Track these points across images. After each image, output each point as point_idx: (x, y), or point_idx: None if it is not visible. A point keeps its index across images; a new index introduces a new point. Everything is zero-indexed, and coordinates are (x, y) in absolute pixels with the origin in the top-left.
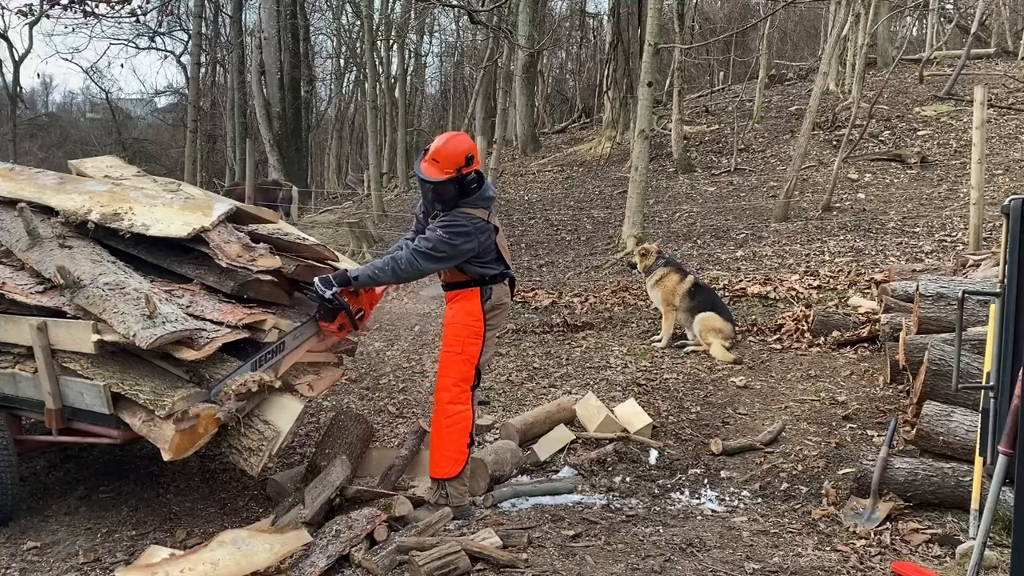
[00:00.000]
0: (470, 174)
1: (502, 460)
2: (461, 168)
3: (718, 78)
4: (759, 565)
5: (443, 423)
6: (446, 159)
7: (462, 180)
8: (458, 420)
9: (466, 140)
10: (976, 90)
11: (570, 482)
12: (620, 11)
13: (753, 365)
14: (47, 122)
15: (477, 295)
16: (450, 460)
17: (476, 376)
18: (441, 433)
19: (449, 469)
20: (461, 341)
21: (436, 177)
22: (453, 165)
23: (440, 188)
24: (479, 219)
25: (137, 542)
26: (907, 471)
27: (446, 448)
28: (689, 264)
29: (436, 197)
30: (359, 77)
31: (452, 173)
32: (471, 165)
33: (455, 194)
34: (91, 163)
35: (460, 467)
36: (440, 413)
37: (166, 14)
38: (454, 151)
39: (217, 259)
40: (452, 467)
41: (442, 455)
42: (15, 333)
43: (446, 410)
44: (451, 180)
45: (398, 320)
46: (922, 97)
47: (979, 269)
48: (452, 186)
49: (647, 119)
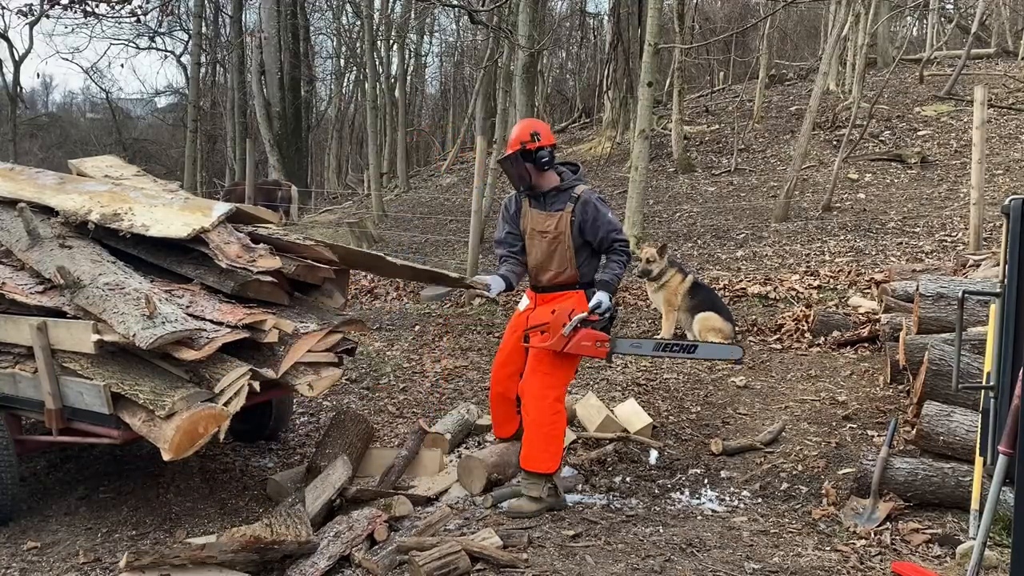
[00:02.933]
0: (540, 150)
1: (505, 462)
2: (525, 143)
3: (718, 78)
4: (759, 565)
5: (548, 419)
6: (512, 140)
7: (531, 155)
8: (561, 418)
9: (532, 122)
10: (976, 90)
11: (570, 482)
12: (620, 11)
13: (753, 365)
14: (47, 122)
15: (584, 297)
16: (554, 456)
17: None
18: (548, 428)
19: (552, 464)
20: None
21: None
22: (518, 141)
23: (507, 165)
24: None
25: (137, 542)
26: (907, 471)
27: (551, 444)
28: (689, 264)
29: (512, 175)
30: (359, 77)
31: (516, 148)
32: (536, 141)
33: (528, 172)
34: (91, 163)
35: (559, 461)
36: (547, 409)
37: (166, 14)
38: (518, 131)
39: (217, 259)
40: (554, 462)
41: (547, 451)
42: (15, 333)
43: (554, 407)
44: (516, 154)
45: (398, 320)
46: (922, 97)
47: (979, 269)
48: (520, 162)
49: (647, 119)
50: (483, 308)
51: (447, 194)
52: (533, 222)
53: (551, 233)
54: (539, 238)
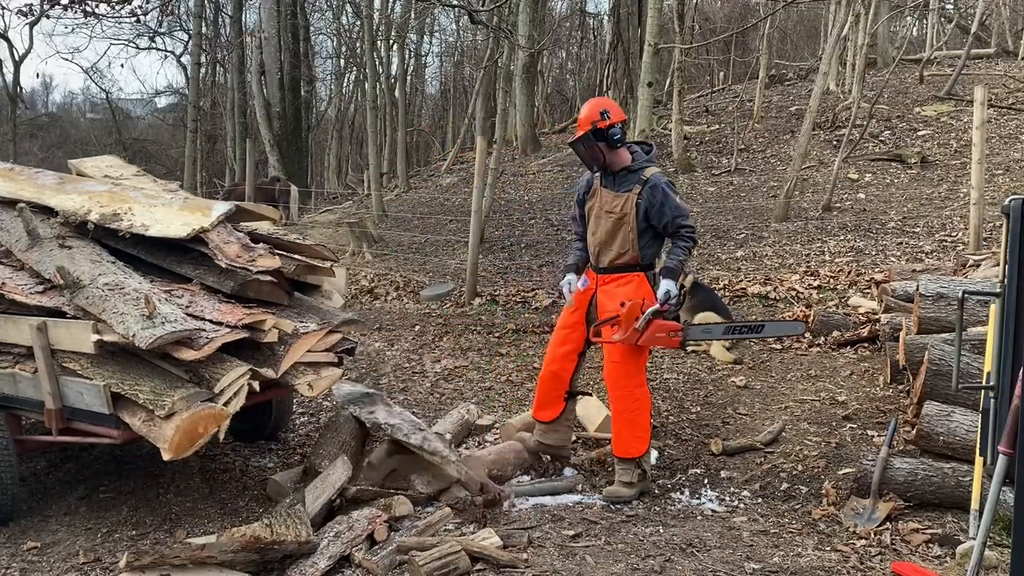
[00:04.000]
0: (611, 128)
1: (504, 460)
2: (596, 122)
3: (718, 78)
4: (759, 565)
5: (632, 406)
6: (581, 121)
7: (602, 134)
8: (645, 402)
9: (599, 100)
10: (976, 90)
11: (570, 482)
12: (620, 11)
13: (753, 365)
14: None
15: (645, 279)
16: (642, 439)
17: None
18: (633, 414)
19: (641, 447)
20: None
21: (575, 137)
22: (588, 121)
23: (580, 146)
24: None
25: (137, 542)
26: (907, 471)
27: (637, 428)
28: (689, 264)
29: (584, 156)
30: (359, 77)
31: (587, 128)
32: (607, 119)
33: (601, 151)
34: (91, 163)
35: (647, 444)
36: (628, 396)
37: (166, 14)
38: (587, 111)
39: (216, 259)
40: (643, 444)
41: (634, 435)
42: (15, 333)
43: (635, 393)
44: (588, 134)
45: (398, 320)
46: (922, 97)
47: (979, 269)
48: (592, 142)
49: (647, 119)
50: (483, 308)
51: (447, 194)
52: (602, 201)
53: (616, 214)
54: (605, 218)
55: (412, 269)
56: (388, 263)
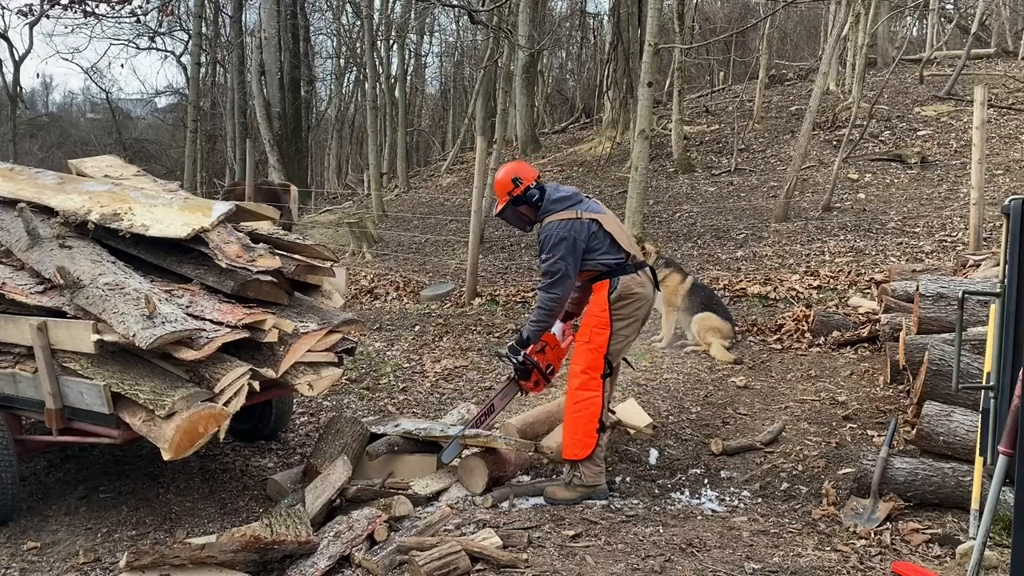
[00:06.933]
0: (526, 190)
1: (505, 461)
2: (511, 192)
3: (718, 78)
4: (759, 565)
5: (572, 408)
6: (498, 191)
7: (520, 199)
8: (586, 406)
9: (509, 167)
10: (976, 90)
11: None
12: (620, 11)
13: (753, 365)
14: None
15: (604, 287)
16: (579, 443)
17: (607, 365)
18: (571, 417)
19: (578, 451)
20: (589, 331)
21: (498, 209)
22: (504, 192)
23: (507, 215)
24: (567, 220)
25: (137, 542)
26: (907, 471)
27: (576, 431)
28: (689, 264)
29: (515, 223)
30: (359, 77)
31: (506, 200)
32: (519, 185)
33: (526, 213)
34: (91, 163)
35: (590, 450)
36: (570, 398)
37: (166, 14)
38: (500, 181)
39: (217, 259)
40: (582, 449)
41: (572, 438)
42: (15, 333)
43: (575, 395)
44: (508, 205)
45: (398, 320)
46: (922, 97)
47: (979, 269)
48: (514, 209)
49: (647, 119)
50: (483, 308)
51: (447, 194)
52: None
53: None
54: None
55: (412, 269)
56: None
